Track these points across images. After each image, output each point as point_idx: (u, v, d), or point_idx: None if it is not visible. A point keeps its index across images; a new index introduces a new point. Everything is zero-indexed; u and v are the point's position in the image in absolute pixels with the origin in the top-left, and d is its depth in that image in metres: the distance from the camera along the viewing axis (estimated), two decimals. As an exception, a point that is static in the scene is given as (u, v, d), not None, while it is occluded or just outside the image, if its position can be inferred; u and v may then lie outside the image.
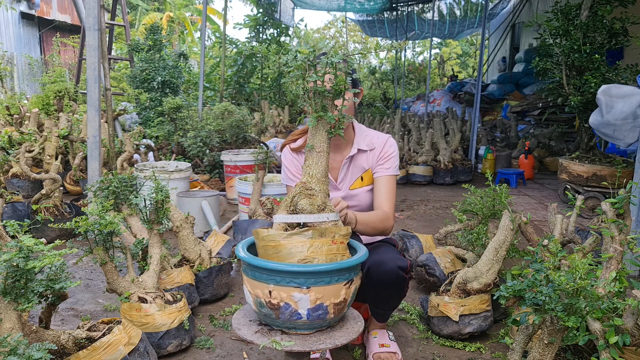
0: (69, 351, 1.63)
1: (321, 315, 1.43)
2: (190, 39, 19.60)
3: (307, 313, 1.41)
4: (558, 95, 4.97)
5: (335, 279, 1.43)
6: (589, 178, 4.47)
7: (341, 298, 1.46)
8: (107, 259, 1.98)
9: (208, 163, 5.77)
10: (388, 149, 2.04)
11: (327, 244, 1.47)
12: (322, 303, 1.41)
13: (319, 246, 1.46)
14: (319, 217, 1.50)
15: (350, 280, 1.48)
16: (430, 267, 2.72)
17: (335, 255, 1.47)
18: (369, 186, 2.07)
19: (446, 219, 3.62)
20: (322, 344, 1.45)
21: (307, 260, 1.45)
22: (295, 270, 1.39)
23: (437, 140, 6.23)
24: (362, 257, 1.52)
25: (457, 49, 24.40)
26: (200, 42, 7.43)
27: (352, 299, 1.53)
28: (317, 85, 1.51)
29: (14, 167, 4.59)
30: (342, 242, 1.50)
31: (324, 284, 1.40)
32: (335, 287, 1.43)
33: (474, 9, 13.60)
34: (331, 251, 1.47)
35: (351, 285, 1.48)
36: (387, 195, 1.99)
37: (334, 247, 1.47)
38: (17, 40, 14.23)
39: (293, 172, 2.10)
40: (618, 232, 1.75)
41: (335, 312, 1.46)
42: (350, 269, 1.47)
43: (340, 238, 1.49)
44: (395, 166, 2.04)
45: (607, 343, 1.37)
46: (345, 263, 1.45)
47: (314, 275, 1.39)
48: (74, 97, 7.59)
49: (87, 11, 3.44)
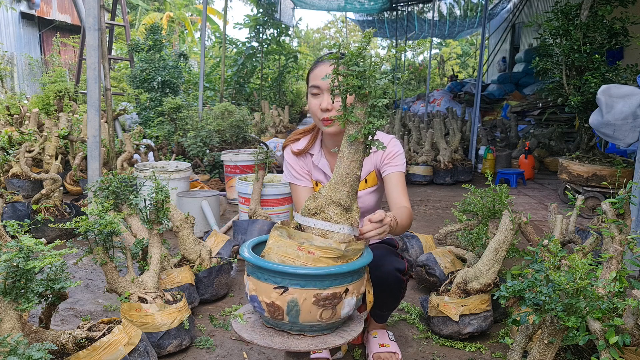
0: (69, 351, 1.63)
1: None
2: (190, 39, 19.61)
3: None
4: (558, 95, 4.97)
5: (328, 283, 1.39)
6: (589, 178, 4.48)
7: None
8: (107, 259, 1.98)
9: (208, 163, 5.77)
10: (393, 148, 2.02)
11: (292, 247, 1.41)
12: None
13: (279, 245, 1.43)
14: (331, 226, 1.43)
15: (346, 289, 1.42)
16: (430, 267, 2.72)
17: (294, 260, 1.40)
18: (372, 187, 2.07)
19: (446, 219, 3.62)
20: (322, 344, 1.45)
21: (263, 255, 1.46)
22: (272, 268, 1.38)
23: (437, 140, 6.24)
24: (371, 255, 1.50)
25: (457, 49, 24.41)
26: (200, 42, 7.43)
27: (357, 304, 1.50)
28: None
29: (14, 167, 4.59)
30: (312, 253, 1.40)
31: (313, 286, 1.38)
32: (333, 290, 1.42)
33: (474, 9, 13.61)
34: (289, 254, 1.41)
35: (347, 293, 1.44)
36: (403, 190, 1.95)
37: (300, 252, 1.40)
38: (17, 40, 14.23)
39: (298, 170, 2.08)
40: (618, 232, 1.75)
41: None
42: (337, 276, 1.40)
43: (315, 249, 1.40)
44: (403, 163, 2.01)
45: (607, 343, 1.37)
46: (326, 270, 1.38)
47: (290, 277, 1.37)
48: (74, 97, 7.59)
49: (87, 11, 3.44)
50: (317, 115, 1.90)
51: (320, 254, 1.40)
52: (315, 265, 1.39)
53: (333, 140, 2.00)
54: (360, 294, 1.50)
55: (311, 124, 2.14)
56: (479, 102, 6.81)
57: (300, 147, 2.10)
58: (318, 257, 1.40)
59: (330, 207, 1.45)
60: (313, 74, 1.91)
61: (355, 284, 1.46)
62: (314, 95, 1.90)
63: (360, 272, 1.49)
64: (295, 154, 2.10)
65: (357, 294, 1.48)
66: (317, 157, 2.07)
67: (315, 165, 2.08)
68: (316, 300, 1.38)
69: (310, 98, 1.93)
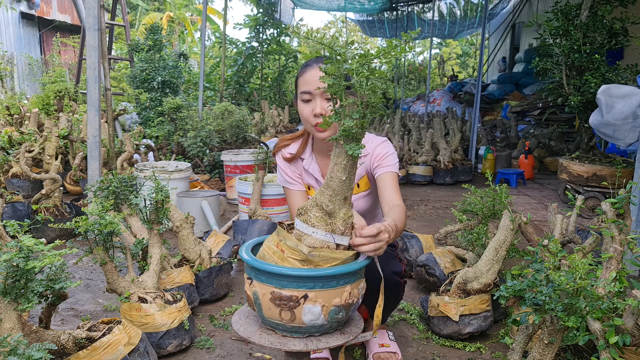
0: (69, 351, 1.63)
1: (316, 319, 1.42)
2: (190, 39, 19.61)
3: None
4: (558, 95, 4.97)
5: (342, 282, 1.40)
6: (589, 178, 4.48)
7: (353, 298, 1.44)
8: (107, 259, 1.98)
9: (208, 163, 5.77)
10: (382, 150, 1.97)
11: (274, 243, 1.46)
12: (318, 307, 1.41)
13: (269, 240, 1.49)
14: (306, 228, 1.40)
15: (305, 294, 1.39)
16: (430, 267, 2.72)
17: (271, 256, 1.44)
18: (365, 192, 2.05)
19: (446, 219, 3.62)
20: (322, 344, 1.45)
21: None
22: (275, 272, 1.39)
23: (437, 140, 6.24)
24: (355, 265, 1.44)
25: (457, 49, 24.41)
26: (200, 42, 7.43)
27: (355, 305, 1.49)
28: None
29: (14, 167, 4.59)
30: (283, 251, 1.40)
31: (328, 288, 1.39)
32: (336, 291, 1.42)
33: (474, 9, 13.60)
34: (270, 250, 1.45)
35: (306, 299, 1.40)
36: (396, 189, 1.88)
37: (276, 249, 1.44)
38: (17, 40, 14.23)
39: (290, 174, 2.07)
40: (618, 232, 1.75)
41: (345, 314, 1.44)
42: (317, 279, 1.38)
43: (285, 248, 1.41)
44: (395, 164, 1.95)
45: (607, 343, 1.37)
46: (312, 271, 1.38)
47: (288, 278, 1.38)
48: (74, 97, 7.59)
49: (87, 11, 3.44)
50: (309, 121, 1.84)
51: (289, 254, 1.41)
52: (282, 264, 1.41)
53: (327, 145, 1.96)
54: (334, 306, 1.41)
55: (300, 130, 2.13)
56: (479, 102, 6.81)
57: (292, 152, 2.08)
58: (286, 256, 1.41)
59: (313, 210, 1.41)
60: (302, 79, 1.84)
61: (319, 292, 1.38)
62: (305, 101, 1.83)
63: (325, 280, 1.38)
64: (286, 160, 2.08)
65: (323, 304, 1.39)
66: (307, 161, 2.05)
67: (305, 170, 2.06)
68: (272, 297, 1.39)
69: (300, 104, 1.86)
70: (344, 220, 1.41)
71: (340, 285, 1.41)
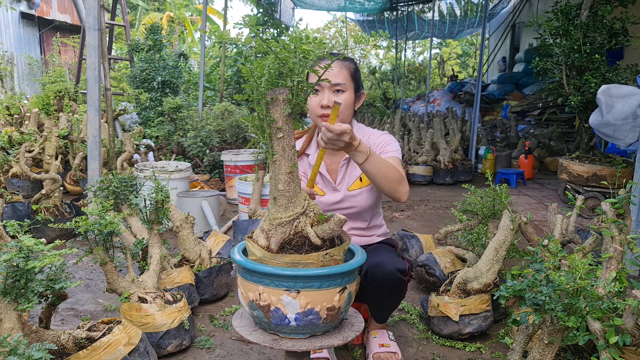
0: (69, 351, 1.63)
1: (313, 320, 1.41)
2: (190, 39, 19.59)
3: (295, 317, 1.39)
4: (558, 95, 4.97)
5: (327, 284, 1.39)
6: (589, 178, 4.48)
7: (334, 304, 1.42)
8: (107, 259, 1.98)
9: (208, 163, 5.77)
10: (383, 139, 2.02)
11: None
12: (313, 308, 1.39)
13: None
14: None
15: (344, 287, 1.41)
16: (430, 267, 2.72)
17: None
18: (368, 186, 2.06)
19: (446, 219, 3.62)
20: (321, 344, 1.45)
21: None
22: None
23: (437, 140, 6.24)
24: (356, 263, 1.45)
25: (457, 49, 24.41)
26: (200, 42, 7.42)
27: (347, 304, 1.49)
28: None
29: (14, 167, 4.59)
30: None
31: (314, 289, 1.37)
32: (328, 292, 1.40)
33: (474, 9, 13.60)
34: None
35: (344, 292, 1.42)
36: (399, 167, 1.90)
37: None
38: (17, 40, 14.23)
39: None
40: (618, 232, 1.75)
41: (328, 319, 1.43)
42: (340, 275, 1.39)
43: None
44: (397, 150, 1.99)
45: (607, 343, 1.37)
46: (335, 269, 1.38)
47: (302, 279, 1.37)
48: (74, 97, 7.59)
49: (87, 11, 3.44)
50: (316, 112, 1.92)
51: None
52: None
53: None
54: (283, 306, 1.38)
55: (303, 130, 2.15)
56: (479, 102, 6.82)
57: (297, 149, 2.09)
58: None
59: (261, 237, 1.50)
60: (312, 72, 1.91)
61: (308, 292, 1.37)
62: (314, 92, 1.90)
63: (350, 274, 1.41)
64: None
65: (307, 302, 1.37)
66: (313, 157, 2.07)
67: (310, 164, 2.07)
68: (307, 303, 1.39)
69: (310, 96, 1.93)
70: None
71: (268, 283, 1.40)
